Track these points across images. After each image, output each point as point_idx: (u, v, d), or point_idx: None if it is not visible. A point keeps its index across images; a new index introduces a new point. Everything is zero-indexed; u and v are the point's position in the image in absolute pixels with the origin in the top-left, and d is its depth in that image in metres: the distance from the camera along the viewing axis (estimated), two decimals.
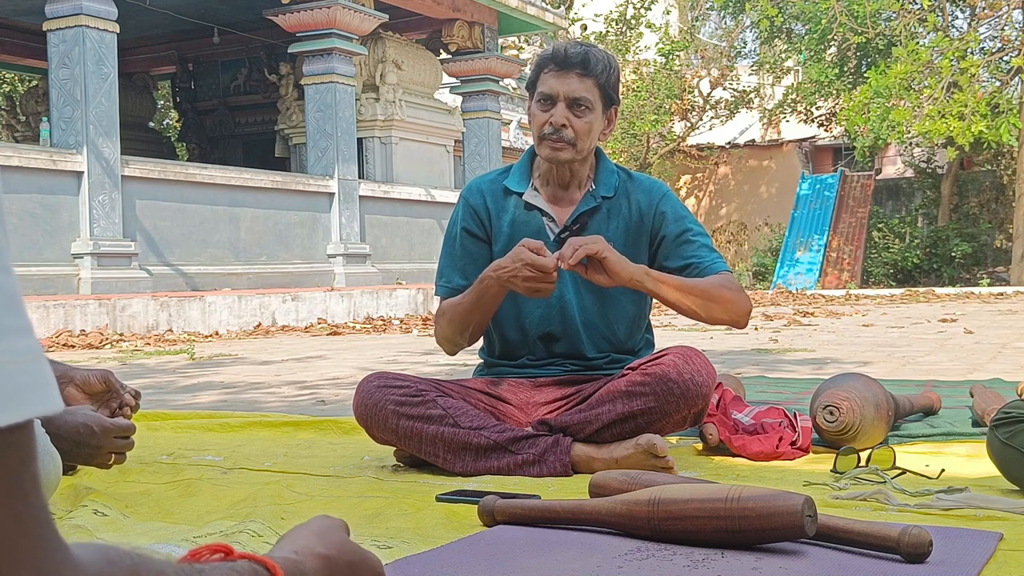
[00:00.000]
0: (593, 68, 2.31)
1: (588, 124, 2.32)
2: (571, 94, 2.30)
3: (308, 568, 0.90)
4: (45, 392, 0.55)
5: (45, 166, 8.47)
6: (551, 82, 2.32)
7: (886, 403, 2.38)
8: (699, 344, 5.85)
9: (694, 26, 23.26)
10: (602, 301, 2.40)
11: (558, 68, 2.32)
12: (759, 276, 19.13)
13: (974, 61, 15.61)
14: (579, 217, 2.38)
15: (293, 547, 0.93)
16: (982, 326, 7.53)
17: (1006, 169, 19.46)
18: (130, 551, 0.70)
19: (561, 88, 2.31)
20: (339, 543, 0.97)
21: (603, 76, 2.33)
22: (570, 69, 2.31)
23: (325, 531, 0.98)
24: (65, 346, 6.94)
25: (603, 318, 2.40)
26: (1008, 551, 1.47)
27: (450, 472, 2.20)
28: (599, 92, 2.33)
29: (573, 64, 2.31)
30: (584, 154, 2.36)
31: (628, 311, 2.42)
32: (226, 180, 10.25)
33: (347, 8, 11.01)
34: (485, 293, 2.25)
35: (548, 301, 2.36)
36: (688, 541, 1.52)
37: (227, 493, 2.03)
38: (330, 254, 11.38)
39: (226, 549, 0.83)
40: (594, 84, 2.32)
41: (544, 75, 2.34)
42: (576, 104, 2.31)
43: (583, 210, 2.39)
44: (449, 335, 2.37)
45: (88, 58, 8.76)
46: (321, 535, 0.97)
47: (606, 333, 2.41)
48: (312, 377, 4.78)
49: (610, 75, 2.35)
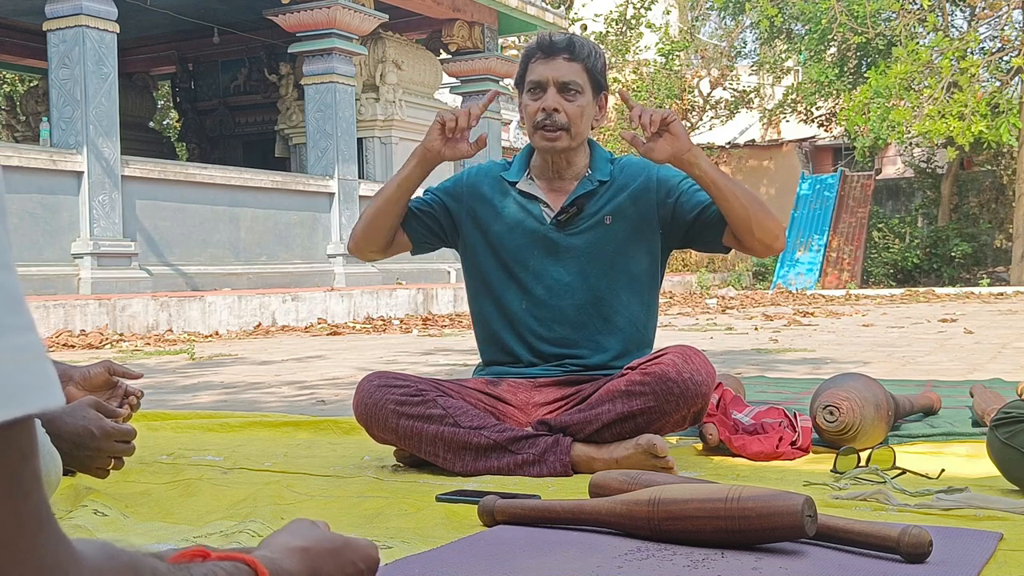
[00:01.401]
0: (579, 52, 2.33)
1: (580, 108, 2.33)
2: (560, 78, 2.32)
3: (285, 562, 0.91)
4: (47, 389, 0.55)
5: (45, 166, 8.47)
6: (539, 69, 2.34)
7: (886, 403, 2.38)
8: (699, 344, 5.85)
9: (694, 26, 23.25)
10: (607, 287, 2.39)
11: (545, 55, 2.34)
12: (759, 276, 19.12)
13: (974, 61, 15.60)
14: (576, 200, 2.39)
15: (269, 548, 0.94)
16: (982, 326, 7.53)
17: (1006, 169, 19.45)
18: (128, 548, 0.70)
19: (550, 73, 2.32)
20: (316, 535, 0.98)
21: (590, 60, 2.35)
22: (557, 55, 2.33)
23: (301, 528, 0.99)
24: (65, 346, 6.94)
25: (605, 304, 2.39)
26: (1008, 551, 1.47)
27: (450, 472, 2.20)
28: (588, 76, 2.34)
29: (559, 49, 2.33)
30: (579, 140, 2.37)
31: (631, 305, 2.41)
32: (226, 180, 10.25)
33: (347, 8, 11.01)
34: (406, 166, 2.38)
35: (551, 284, 2.36)
36: (688, 541, 1.52)
37: (227, 493, 2.03)
38: (330, 254, 11.38)
39: (203, 553, 0.84)
40: (582, 68, 2.33)
41: (532, 64, 2.36)
42: (566, 88, 2.32)
43: (580, 193, 2.39)
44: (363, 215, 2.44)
45: (88, 58, 8.76)
46: (296, 532, 0.98)
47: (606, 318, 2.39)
48: (312, 377, 4.78)
49: (597, 60, 2.36)
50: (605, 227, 2.37)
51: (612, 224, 2.37)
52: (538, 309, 2.38)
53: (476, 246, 2.44)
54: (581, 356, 2.38)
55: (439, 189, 2.51)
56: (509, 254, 2.40)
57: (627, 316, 2.40)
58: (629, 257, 2.38)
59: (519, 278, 2.39)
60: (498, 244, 2.41)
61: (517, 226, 2.40)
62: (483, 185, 2.46)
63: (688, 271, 20.01)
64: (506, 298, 2.41)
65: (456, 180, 2.51)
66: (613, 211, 2.38)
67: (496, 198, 2.44)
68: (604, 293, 2.38)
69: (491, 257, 2.42)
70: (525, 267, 2.39)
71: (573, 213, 2.37)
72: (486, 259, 2.43)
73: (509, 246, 2.40)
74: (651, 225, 2.40)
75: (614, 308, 2.39)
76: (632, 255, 2.38)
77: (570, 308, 2.37)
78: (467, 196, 2.46)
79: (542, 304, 2.38)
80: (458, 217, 2.46)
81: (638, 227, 2.39)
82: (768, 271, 18.80)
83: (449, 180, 2.53)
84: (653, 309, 2.48)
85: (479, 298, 2.47)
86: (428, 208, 2.46)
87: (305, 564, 0.92)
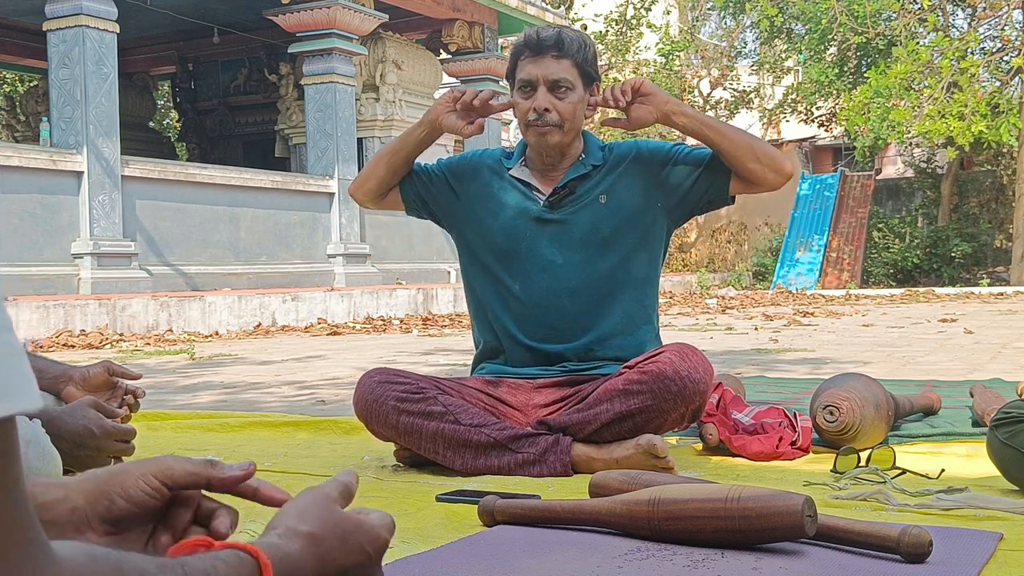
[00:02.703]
0: (568, 48, 2.34)
1: (572, 105, 2.34)
2: (550, 77, 2.32)
3: (292, 550, 0.87)
4: (24, 390, 0.54)
5: (45, 166, 8.47)
6: (528, 68, 2.34)
7: (886, 403, 2.38)
8: (699, 344, 5.85)
9: (694, 26, 23.25)
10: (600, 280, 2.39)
11: (533, 53, 2.34)
12: (759, 276, 19.12)
13: (974, 61, 15.60)
14: (568, 183, 2.40)
15: (277, 530, 0.90)
16: (982, 326, 7.53)
17: (1006, 169, 19.45)
18: (113, 550, 0.70)
19: (539, 72, 2.33)
20: (324, 516, 0.93)
21: (579, 55, 2.35)
22: (545, 52, 2.33)
23: (309, 506, 0.94)
24: (65, 346, 6.94)
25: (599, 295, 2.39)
26: (1008, 551, 1.47)
27: (450, 469, 2.20)
28: (578, 71, 2.35)
29: (547, 47, 2.33)
30: (572, 134, 2.39)
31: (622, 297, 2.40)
32: (226, 180, 10.25)
33: (347, 8, 11.01)
34: (413, 130, 2.46)
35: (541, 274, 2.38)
36: (688, 541, 1.52)
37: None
38: (330, 254, 11.38)
39: (207, 542, 0.82)
40: (571, 64, 2.34)
41: (521, 62, 2.37)
42: (556, 86, 2.33)
43: (573, 176, 2.40)
44: (368, 166, 2.54)
45: (88, 58, 8.76)
46: (303, 513, 0.93)
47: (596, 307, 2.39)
48: (312, 377, 4.78)
49: (586, 53, 2.37)
50: (600, 205, 2.38)
51: (607, 203, 2.38)
52: (533, 290, 2.38)
53: (471, 226, 2.47)
54: (577, 337, 2.37)
55: (443, 163, 2.56)
56: (503, 236, 2.41)
57: (625, 295, 2.39)
58: (626, 235, 2.38)
59: (513, 260, 2.40)
60: (492, 225, 2.42)
61: (511, 208, 2.42)
62: (483, 168, 2.49)
63: (688, 271, 20.02)
64: (501, 279, 2.42)
65: (460, 158, 2.55)
66: (607, 190, 2.39)
67: (493, 181, 2.46)
68: (601, 273, 2.37)
69: (485, 238, 2.43)
70: (518, 248, 2.40)
71: (565, 194, 2.39)
72: (480, 240, 2.45)
73: (503, 227, 2.41)
74: (649, 197, 2.40)
75: (611, 288, 2.38)
76: (629, 233, 2.39)
77: (565, 290, 2.37)
78: (467, 175, 2.49)
79: (537, 285, 2.38)
80: (456, 194, 2.49)
81: (635, 203, 2.39)
82: (768, 271, 18.80)
83: (454, 157, 2.57)
84: (653, 288, 2.47)
85: (474, 280, 2.49)
86: (427, 176, 2.52)
87: (311, 551, 0.89)
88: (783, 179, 2.36)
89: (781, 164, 2.35)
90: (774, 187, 2.38)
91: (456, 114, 2.42)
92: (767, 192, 2.42)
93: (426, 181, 2.52)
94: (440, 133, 2.45)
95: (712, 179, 2.38)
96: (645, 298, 2.44)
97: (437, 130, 2.44)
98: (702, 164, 2.39)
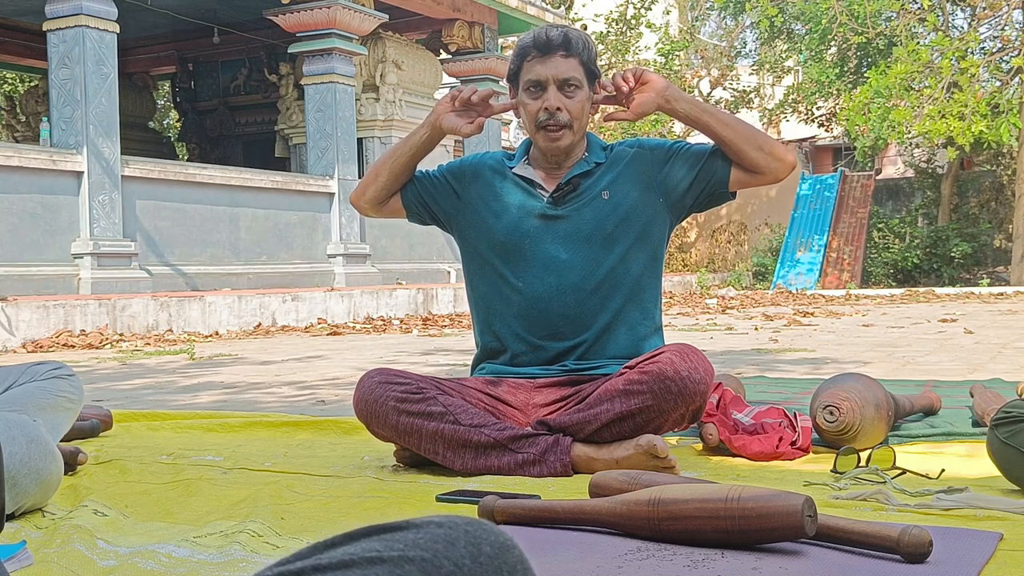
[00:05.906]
0: (575, 47, 2.36)
1: (580, 103, 2.37)
2: (559, 76, 2.34)
3: None
4: None
5: (45, 166, 8.47)
6: (537, 68, 2.35)
7: (886, 403, 2.38)
8: (699, 344, 5.85)
9: (694, 26, 23.25)
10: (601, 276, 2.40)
11: (541, 53, 2.36)
12: (759, 276, 19.12)
13: (974, 61, 15.60)
14: (572, 179, 2.41)
15: None
16: (982, 326, 7.53)
17: (1006, 169, 19.45)
18: None
19: (549, 72, 2.34)
20: None
21: (585, 53, 2.38)
22: (553, 52, 2.35)
23: None
24: (65, 346, 6.94)
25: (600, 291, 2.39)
26: (1008, 551, 1.47)
27: (450, 469, 2.20)
28: (583, 69, 2.38)
29: (556, 47, 2.35)
30: (581, 134, 2.42)
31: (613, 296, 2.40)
32: (226, 180, 10.25)
33: (347, 8, 11.01)
34: (415, 133, 2.46)
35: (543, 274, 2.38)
36: (688, 541, 1.52)
37: (227, 493, 2.03)
38: (330, 254, 11.38)
39: None
40: (578, 62, 2.36)
41: (528, 63, 2.37)
42: (566, 85, 2.35)
43: (576, 172, 2.42)
44: (369, 173, 2.53)
45: (88, 58, 8.76)
46: None
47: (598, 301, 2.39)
48: (312, 377, 4.78)
49: (590, 51, 2.41)
50: (603, 201, 2.39)
51: (610, 199, 2.39)
52: (536, 287, 2.38)
53: (474, 226, 2.47)
54: (579, 334, 2.37)
55: (444, 168, 2.56)
56: (506, 233, 2.41)
57: (627, 292, 2.39)
58: (629, 231, 2.39)
59: (516, 257, 2.40)
60: (495, 223, 2.43)
61: (514, 206, 2.43)
62: (485, 168, 2.50)
63: (688, 271, 20.02)
64: (504, 277, 2.42)
65: (461, 161, 2.56)
66: (610, 186, 2.40)
67: (496, 180, 2.47)
68: (604, 269, 2.37)
69: (489, 237, 2.44)
70: (522, 245, 2.40)
71: (569, 190, 2.40)
72: (484, 240, 2.45)
73: (507, 225, 2.42)
74: (651, 194, 2.42)
75: (613, 284, 2.38)
76: (632, 229, 2.39)
77: (568, 286, 2.37)
78: (469, 176, 2.50)
79: (540, 281, 2.38)
80: (458, 196, 2.50)
81: (637, 199, 2.40)
82: (768, 271, 18.80)
83: (455, 161, 2.58)
84: (655, 285, 2.47)
85: (477, 280, 2.49)
86: (428, 180, 2.53)
87: None
88: (785, 168, 2.36)
89: (782, 152, 2.36)
90: (776, 176, 2.37)
91: (456, 113, 2.42)
92: (769, 184, 2.42)
93: (427, 184, 2.52)
94: (442, 134, 2.45)
95: (713, 172, 2.40)
96: (646, 294, 2.44)
97: (438, 131, 2.44)
98: (703, 158, 2.41)
